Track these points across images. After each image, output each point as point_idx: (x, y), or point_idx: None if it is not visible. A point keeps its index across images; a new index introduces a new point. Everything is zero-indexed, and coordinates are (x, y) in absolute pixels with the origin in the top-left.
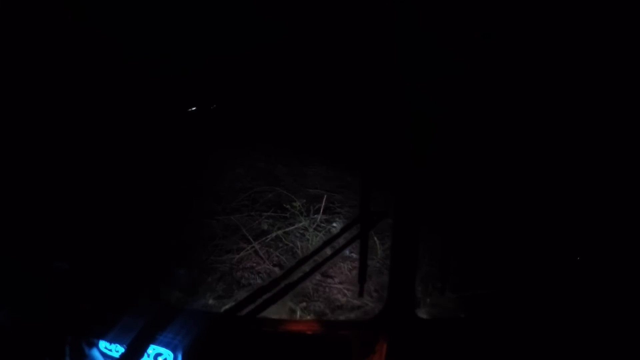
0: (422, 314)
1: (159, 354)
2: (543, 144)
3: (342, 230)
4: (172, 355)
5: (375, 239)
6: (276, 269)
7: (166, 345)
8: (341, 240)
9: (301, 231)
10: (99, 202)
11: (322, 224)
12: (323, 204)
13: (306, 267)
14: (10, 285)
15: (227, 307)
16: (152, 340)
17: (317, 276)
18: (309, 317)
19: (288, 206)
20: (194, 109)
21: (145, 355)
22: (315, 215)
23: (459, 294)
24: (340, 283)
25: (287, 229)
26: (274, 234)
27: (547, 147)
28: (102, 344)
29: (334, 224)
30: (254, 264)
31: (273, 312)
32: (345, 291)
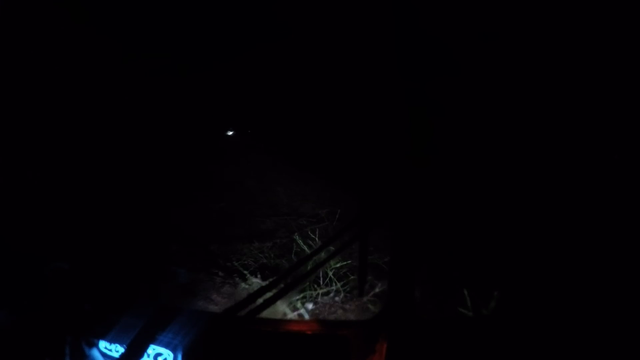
0: (422, 314)
1: (159, 354)
2: (542, 145)
3: (342, 231)
4: (172, 355)
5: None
6: (305, 247)
7: (166, 345)
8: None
9: (324, 230)
10: (111, 204)
11: (338, 226)
12: (338, 214)
13: (306, 268)
14: (10, 285)
15: (227, 307)
16: (152, 340)
17: (317, 276)
18: (309, 317)
19: (318, 211)
20: (231, 133)
21: (145, 355)
22: (334, 222)
23: (458, 295)
24: (338, 283)
25: (316, 226)
26: (308, 229)
27: (546, 149)
28: (102, 344)
29: None
30: (294, 245)
31: (273, 312)
32: (344, 291)
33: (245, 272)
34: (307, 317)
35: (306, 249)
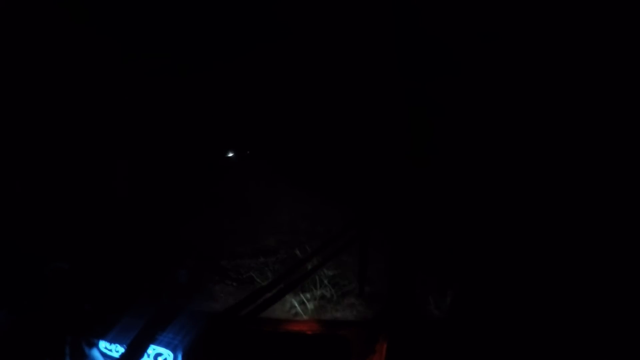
0: (422, 314)
1: (159, 354)
2: (541, 146)
3: (341, 232)
4: (172, 355)
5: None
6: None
7: (166, 345)
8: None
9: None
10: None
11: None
12: (334, 231)
13: (305, 268)
14: (10, 285)
15: (227, 307)
16: (152, 340)
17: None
18: (309, 317)
19: (316, 228)
20: (231, 154)
21: (145, 355)
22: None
23: (459, 296)
24: (338, 283)
25: (314, 242)
26: (307, 245)
27: (545, 149)
28: (102, 344)
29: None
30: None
31: (273, 312)
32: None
33: (258, 280)
34: (309, 306)
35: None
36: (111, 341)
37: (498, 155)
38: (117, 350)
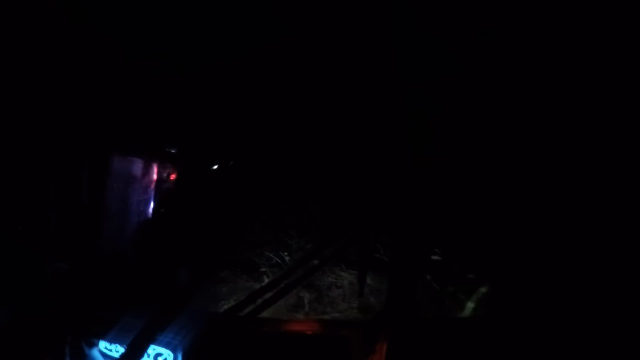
0: (422, 314)
1: (159, 354)
2: (543, 146)
3: (341, 232)
4: (172, 355)
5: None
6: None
7: (166, 345)
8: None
9: (309, 234)
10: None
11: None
12: (318, 221)
13: (306, 268)
14: (11, 285)
15: (227, 307)
16: (152, 340)
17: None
18: (309, 317)
19: (302, 220)
20: (215, 167)
21: (145, 355)
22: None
23: (459, 295)
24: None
25: (303, 231)
26: (295, 233)
27: (547, 149)
28: (102, 344)
29: None
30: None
31: (273, 312)
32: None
33: (264, 268)
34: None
35: (293, 246)
36: (111, 341)
37: (499, 155)
38: (117, 350)
